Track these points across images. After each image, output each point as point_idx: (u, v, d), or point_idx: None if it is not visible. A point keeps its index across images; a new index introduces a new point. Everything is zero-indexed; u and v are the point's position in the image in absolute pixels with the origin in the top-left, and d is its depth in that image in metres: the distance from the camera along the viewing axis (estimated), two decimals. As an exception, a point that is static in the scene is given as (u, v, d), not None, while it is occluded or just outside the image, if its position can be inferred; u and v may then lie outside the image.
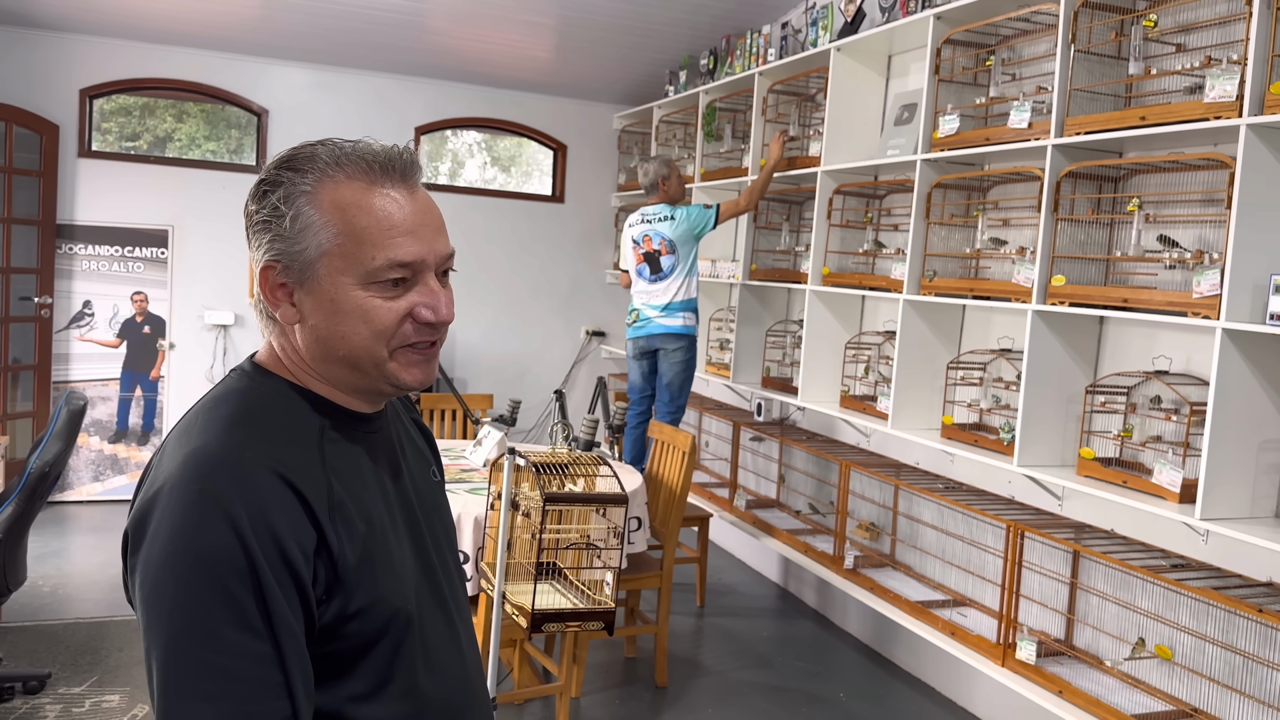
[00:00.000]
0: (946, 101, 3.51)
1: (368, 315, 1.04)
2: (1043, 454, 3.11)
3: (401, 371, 1.07)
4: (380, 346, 1.05)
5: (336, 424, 1.09)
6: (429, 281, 1.07)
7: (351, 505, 1.03)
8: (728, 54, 5.22)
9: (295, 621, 0.96)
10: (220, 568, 0.92)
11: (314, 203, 1.03)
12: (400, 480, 1.15)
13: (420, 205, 1.07)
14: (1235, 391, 2.52)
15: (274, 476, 0.97)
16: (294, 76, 6.00)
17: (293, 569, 0.95)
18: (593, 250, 6.78)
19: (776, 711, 3.56)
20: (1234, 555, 2.71)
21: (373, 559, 1.03)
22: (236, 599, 0.92)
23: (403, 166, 1.06)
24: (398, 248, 1.03)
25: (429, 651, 1.10)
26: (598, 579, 2.57)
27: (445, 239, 1.09)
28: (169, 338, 5.82)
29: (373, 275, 1.03)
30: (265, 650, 0.93)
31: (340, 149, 1.05)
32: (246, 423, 1.02)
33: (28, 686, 3.29)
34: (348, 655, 1.03)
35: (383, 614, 1.03)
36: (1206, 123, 2.53)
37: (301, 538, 0.97)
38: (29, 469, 3.15)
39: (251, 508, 0.94)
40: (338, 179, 1.03)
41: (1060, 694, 2.85)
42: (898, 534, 4.00)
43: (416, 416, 1.34)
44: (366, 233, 1.02)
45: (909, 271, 3.58)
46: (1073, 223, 3.03)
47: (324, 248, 1.03)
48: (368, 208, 1.03)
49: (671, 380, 4.53)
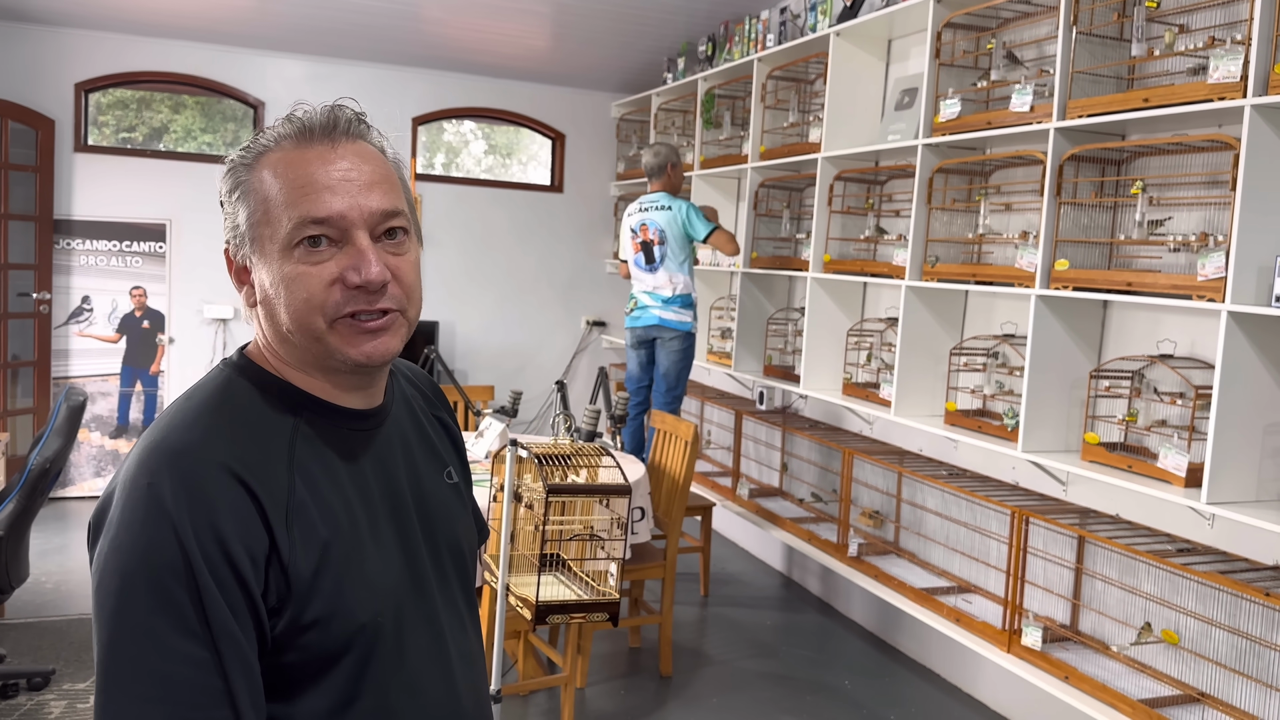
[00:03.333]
0: (947, 85, 3.49)
1: (293, 283, 0.98)
2: (1047, 439, 3.09)
3: (344, 345, 0.99)
4: (315, 317, 0.98)
5: (314, 420, 1.03)
6: (358, 241, 0.98)
7: (315, 509, 0.98)
8: (726, 40, 5.19)
9: (239, 628, 0.91)
10: (160, 569, 0.89)
11: (249, 175, 1.01)
12: (395, 482, 1.08)
13: (346, 160, 1.00)
14: (1241, 374, 2.50)
15: (227, 474, 0.93)
16: (290, 68, 5.97)
17: (238, 573, 0.91)
18: (592, 240, 6.75)
19: (781, 700, 3.56)
20: (1240, 539, 2.70)
21: (334, 568, 0.97)
22: (175, 601, 0.89)
23: (325, 125, 1.01)
24: (310, 204, 0.97)
25: (407, 670, 1.03)
26: (601, 570, 2.56)
27: (379, 195, 1.00)
28: (168, 332, 5.81)
29: (291, 237, 0.97)
30: (204, 656, 0.89)
31: (279, 120, 1.02)
32: (212, 416, 0.98)
33: (32, 683, 3.29)
34: (307, 668, 0.97)
35: (345, 627, 0.97)
36: (1210, 104, 2.51)
37: (251, 541, 0.92)
38: (30, 465, 3.14)
39: (196, 507, 0.90)
40: (270, 149, 1.01)
41: (1066, 679, 2.84)
42: (902, 521, 3.99)
43: (442, 414, 1.25)
44: (282, 193, 0.98)
45: (911, 257, 3.56)
46: (1076, 206, 3.01)
47: (254, 218, 1.00)
48: (284, 169, 0.99)
49: (669, 370, 4.52)
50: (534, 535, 2.51)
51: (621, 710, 3.43)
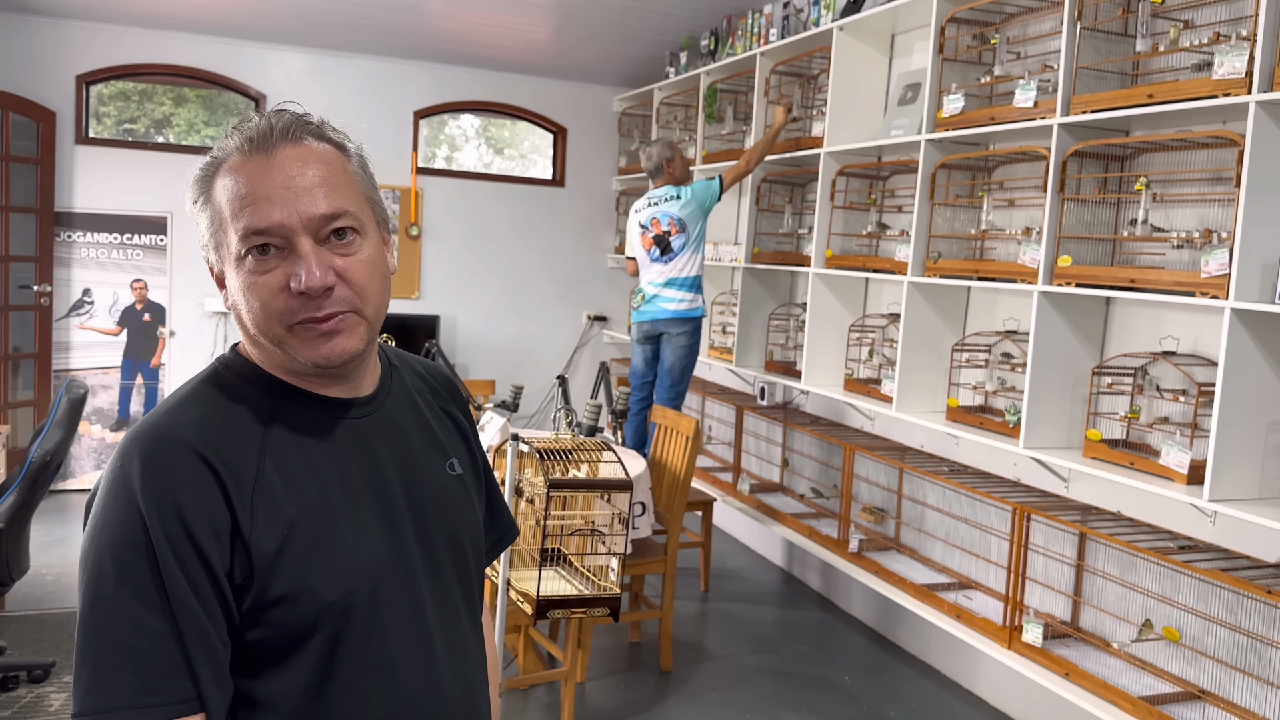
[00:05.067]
0: (950, 81, 3.48)
1: (249, 291, 1.01)
2: (1049, 436, 3.09)
3: (303, 348, 1.02)
4: (273, 324, 1.01)
5: (294, 407, 1.06)
6: (300, 247, 0.99)
7: (282, 489, 1.00)
8: (729, 34, 5.17)
9: (198, 602, 0.95)
10: (123, 544, 0.94)
11: (207, 188, 1.04)
12: (380, 469, 1.09)
13: (285, 168, 1.00)
14: (1244, 371, 2.50)
15: (192, 454, 0.97)
16: (291, 61, 5.96)
17: (198, 548, 0.95)
18: (594, 234, 6.74)
19: (781, 695, 3.56)
20: (1242, 536, 2.70)
21: (301, 546, 0.99)
22: (139, 575, 0.93)
23: (264, 133, 1.02)
24: (250, 215, 0.99)
25: (382, 652, 1.04)
26: (602, 564, 2.56)
27: (320, 199, 1.00)
28: (169, 325, 5.80)
29: (240, 248, 1.00)
30: (164, 627, 0.93)
31: (229, 131, 1.04)
32: (192, 403, 1.03)
33: (32, 675, 3.29)
34: (277, 645, 1.00)
35: (312, 605, 0.99)
36: (1215, 100, 2.50)
37: (213, 518, 0.96)
38: (30, 458, 3.14)
39: (159, 484, 0.95)
40: (222, 161, 1.03)
41: (1067, 676, 2.84)
42: (902, 517, 3.99)
43: (453, 409, 1.26)
44: (229, 205, 1.01)
45: (913, 253, 3.55)
46: (1079, 202, 3.00)
47: (213, 228, 1.03)
48: (230, 181, 1.01)
49: (674, 365, 4.51)
50: (535, 530, 2.51)
51: (621, 705, 3.43)
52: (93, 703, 0.91)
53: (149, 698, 0.92)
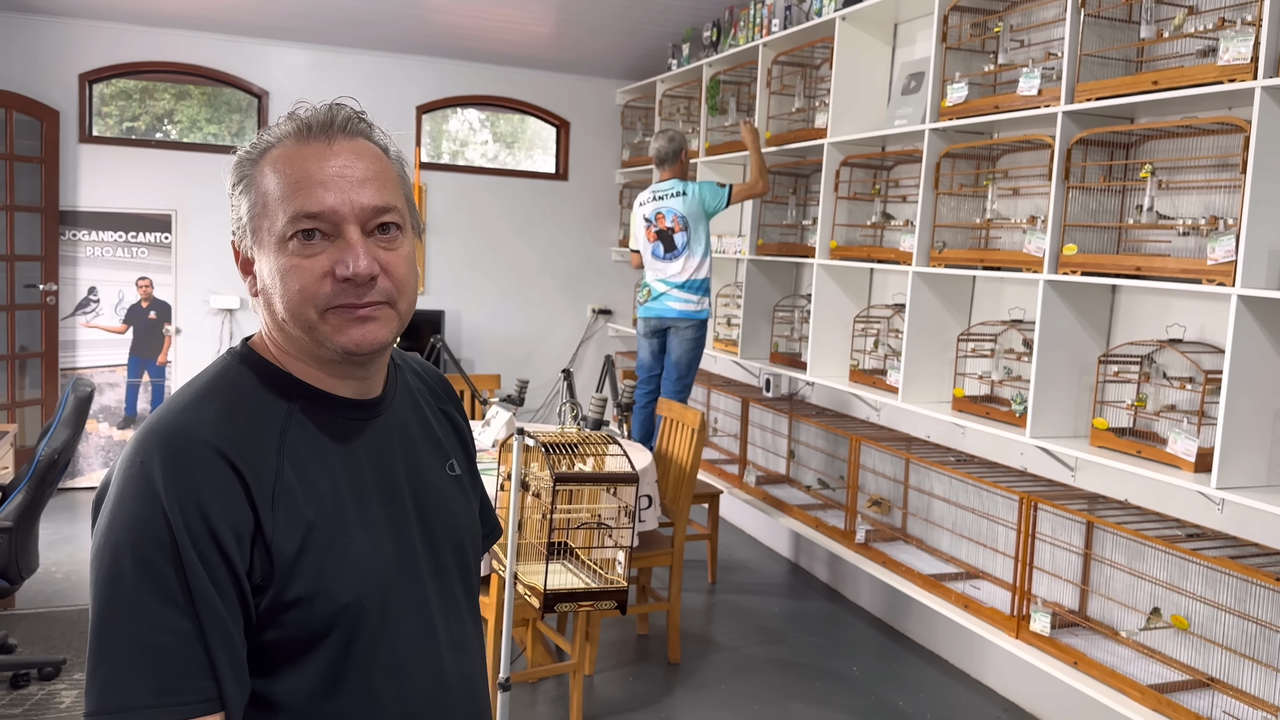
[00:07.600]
0: (954, 70, 3.46)
1: (289, 275, 1.01)
2: (1055, 425, 3.08)
3: (334, 334, 1.02)
4: (308, 308, 1.01)
5: (308, 406, 1.06)
6: (348, 235, 1.01)
7: (301, 491, 1.01)
8: (731, 25, 5.16)
9: (223, 602, 0.94)
10: (147, 544, 0.93)
11: (252, 170, 1.05)
12: (390, 470, 1.10)
13: (341, 158, 1.03)
14: (1251, 359, 2.49)
15: (215, 455, 0.96)
16: (294, 57, 5.96)
17: (222, 549, 0.95)
18: (598, 227, 6.74)
19: (789, 686, 3.56)
20: (1250, 524, 2.69)
21: (317, 549, 1.00)
22: (162, 575, 0.92)
23: (323, 123, 1.04)
24: (303, 199, 1.00)
25: (392, 653, 1.05)
26: (609, 558, 2.56)
27: (371, 192, 1.03)
28: (175, 323, 5.81)
29: (286, 230, 1.01)
30: (188, 628, 0.93)
31: (283, 118, 1.06)
32: (208, 400, 1.02)
33: (43, 673, 3.31)
34: (291, 646, 1.00)
35: (327, 607, 1.00)
36: (1220, 86, 2.48)
37: (236, 520, 0.96)
38: (38, 456, 3.15)
39: (183, 484, 0.94)
40: (272, 146, 1.04)
41: (1075, 665, 2.84)
42: (909, 507, 3.99)
43: (450, 410, 1.27)
44: (279, 188, 1.02)
45: (918, 243, 3.54)
46: (1084, 190, 2.99)
47: (254, 211, 1.04)
48: (283, 165, 1.02)
49: (680, 358, 4.50)
50: (541, 524, 2.52)
51: (630, 697, 3.44)
52: (110, 701, 0.91)
53: (168, 697, 0.92)
